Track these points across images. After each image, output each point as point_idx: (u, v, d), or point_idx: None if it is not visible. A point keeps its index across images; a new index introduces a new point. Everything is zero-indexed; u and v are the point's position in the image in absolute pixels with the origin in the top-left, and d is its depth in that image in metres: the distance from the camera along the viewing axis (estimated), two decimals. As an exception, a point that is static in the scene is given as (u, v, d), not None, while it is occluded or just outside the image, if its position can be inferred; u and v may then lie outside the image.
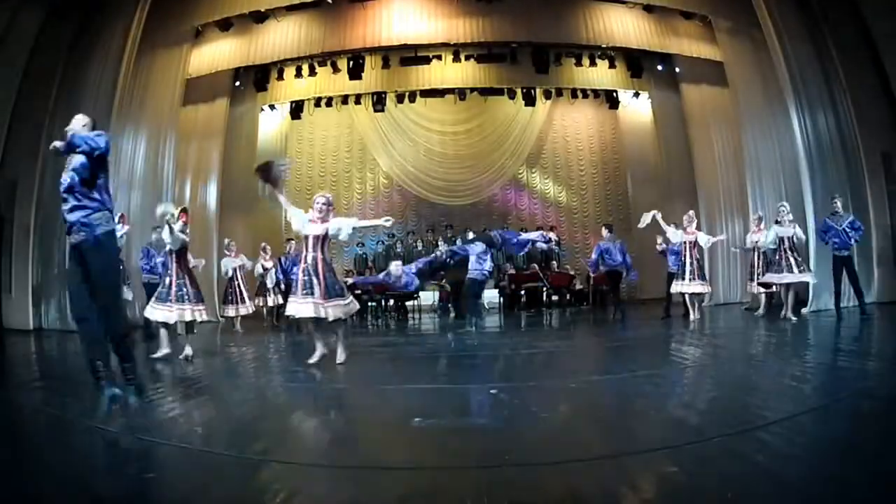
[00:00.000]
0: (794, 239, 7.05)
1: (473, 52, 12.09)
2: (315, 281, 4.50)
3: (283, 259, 9.18)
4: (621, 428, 2.71)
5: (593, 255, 8.41)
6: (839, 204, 6.95)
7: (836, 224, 6.80)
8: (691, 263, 7.54)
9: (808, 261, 7.34)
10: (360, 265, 13.15)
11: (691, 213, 7.99)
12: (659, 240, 8.48)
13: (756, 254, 8.00)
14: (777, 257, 7.22)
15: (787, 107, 8.38)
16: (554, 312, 11.14)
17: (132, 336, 6.90)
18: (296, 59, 11.81)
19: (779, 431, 2.47)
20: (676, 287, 7.68)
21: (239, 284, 8.73)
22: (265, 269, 9.21)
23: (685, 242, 7.60)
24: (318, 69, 12.21)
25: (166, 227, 5.16)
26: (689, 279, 7.51)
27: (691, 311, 7.55)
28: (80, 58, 8.75)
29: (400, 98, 13.24)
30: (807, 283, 7.23)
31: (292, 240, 9.30)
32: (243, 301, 8.73)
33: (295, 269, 5.29)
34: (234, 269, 8.70)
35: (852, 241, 6.77)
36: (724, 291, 10.40)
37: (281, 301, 8.90)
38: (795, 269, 6.90)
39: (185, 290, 5.25)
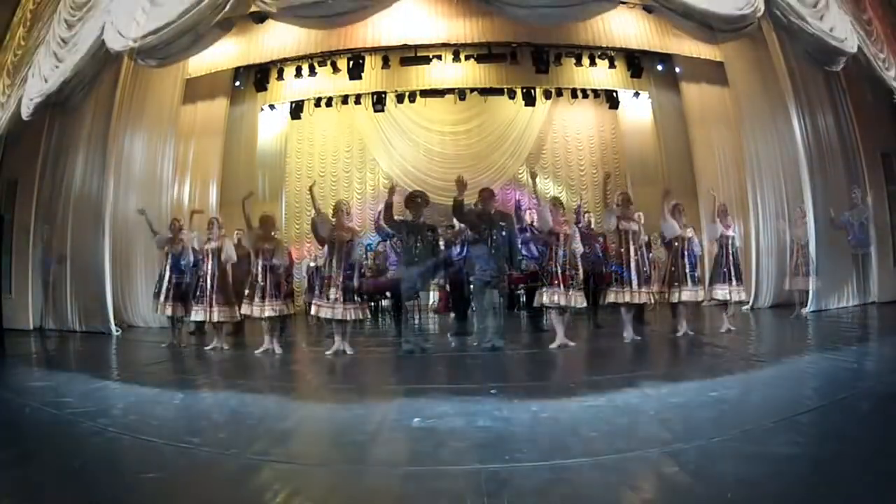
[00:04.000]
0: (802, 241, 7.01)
1: (473, 52, 12.06)
2: None
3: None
4: (621, 428, 2.71)
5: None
6: (860, 196, 6.38)
7: (854, 220, 6.32)
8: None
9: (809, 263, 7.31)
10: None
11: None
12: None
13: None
14: (790, 259, 7.16)
15: (787, 107, 8.37)
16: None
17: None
18: (296, 59, 11.79)
19: (778, 431, 2.48)
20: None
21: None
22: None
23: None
24: (318, 69, 12.19)
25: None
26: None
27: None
28: (80, 57, 8.74)
29: (400, 98, 13.22)
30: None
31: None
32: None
33: None
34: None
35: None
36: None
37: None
38: (802, 274, 6.94)
39: None
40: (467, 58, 12.15)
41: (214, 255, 6.11)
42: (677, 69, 11.74)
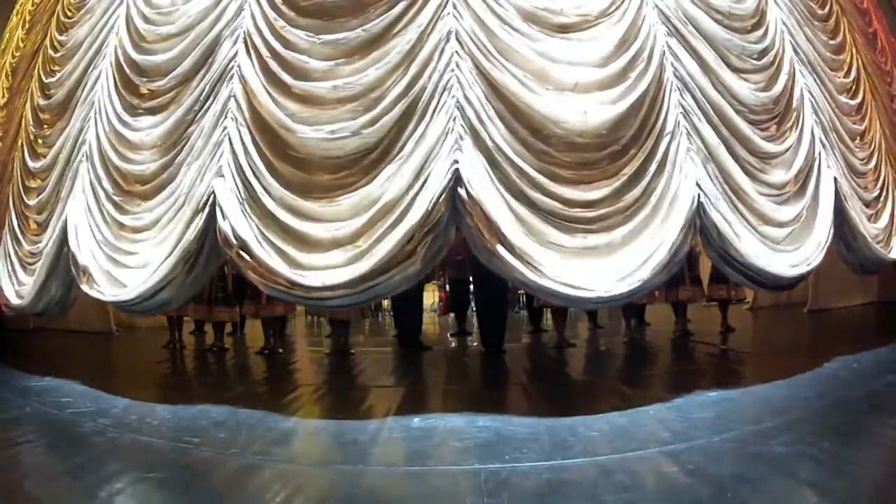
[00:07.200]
0: None
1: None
2: None
3: None
4: (621, 428, 2.71)
5: None
6: None
7: None
8: None
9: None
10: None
11: None
12: None
13: None
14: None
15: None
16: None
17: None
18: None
19: (778, 432, 2.48)
20: None
21: None
22: None
23: None
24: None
25: None
26: None
27: None
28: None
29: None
30: None
31: None
32: None
33: None
34: None
35: None
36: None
37: None
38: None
39: None
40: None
41: None
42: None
